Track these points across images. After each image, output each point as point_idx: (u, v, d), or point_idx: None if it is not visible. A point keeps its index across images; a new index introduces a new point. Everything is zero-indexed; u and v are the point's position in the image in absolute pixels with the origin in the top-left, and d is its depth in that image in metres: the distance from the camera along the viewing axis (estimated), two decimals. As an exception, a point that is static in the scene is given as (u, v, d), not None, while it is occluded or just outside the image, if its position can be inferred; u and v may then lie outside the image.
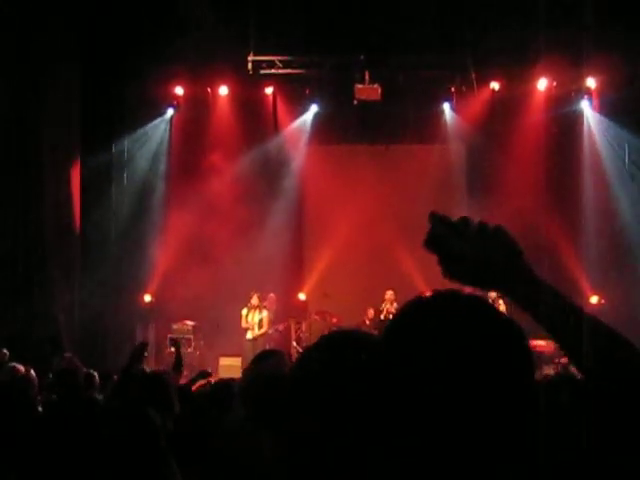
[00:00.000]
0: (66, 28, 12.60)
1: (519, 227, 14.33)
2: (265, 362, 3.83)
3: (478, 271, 1.25)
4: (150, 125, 14.91)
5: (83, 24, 12.84)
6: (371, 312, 13.68)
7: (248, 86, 14.48)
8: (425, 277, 13.89)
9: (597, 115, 14.30)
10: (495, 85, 14.35)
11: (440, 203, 14.60)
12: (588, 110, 14.38)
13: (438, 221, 1.29)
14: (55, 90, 12.54)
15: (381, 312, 13.54)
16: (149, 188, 14.82)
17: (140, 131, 14.76)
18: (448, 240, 1.26)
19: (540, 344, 12.57)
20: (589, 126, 14.41)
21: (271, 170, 14.97)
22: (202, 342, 14.19)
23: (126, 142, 14.62)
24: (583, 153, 14.38)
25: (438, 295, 1.09)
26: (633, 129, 13.48)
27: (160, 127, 15.06)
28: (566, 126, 14.40)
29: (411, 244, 14.25)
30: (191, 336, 14.03)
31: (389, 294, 13.48)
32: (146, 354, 5.87)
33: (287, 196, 15.14)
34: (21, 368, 6.39)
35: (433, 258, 1.28)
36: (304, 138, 15.28)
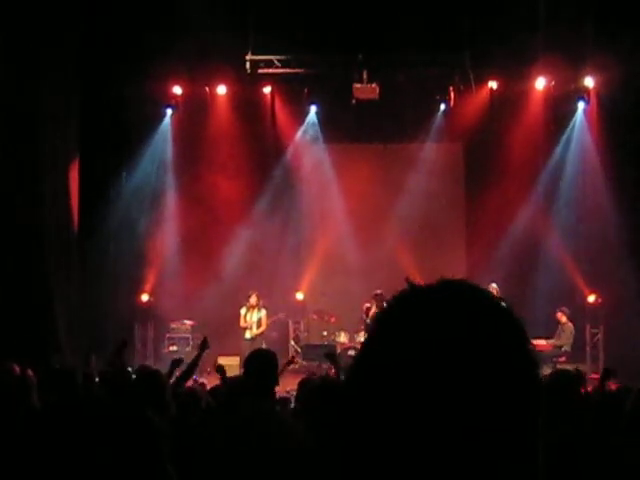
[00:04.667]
0: (65, 28, 12.57)
1: (516, 225, 14.25)
2: (255, 361, 3.86)
3: None
4: (150, 126, 14.87)
5: (81, 24, 12.84)
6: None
7: (246, 85, 14.47)
8: (423, 275, 13.88)
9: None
10: (493, 84, 14.34)
11: (438, 202, 14.62)
12: (580, 114, 14.37)
13: None
14: (54, 89, 12.52)
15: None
16: (148, 188, 14.79)
17: (139, 129, 14.72)
18: None
19: (539, 343, 12.64)
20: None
21: (269, 170, 14.96)
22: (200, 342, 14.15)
23: (125, 143, 14.57)
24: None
25: (431, 286, 1.00)
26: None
27: (159, 128, 15.00)
28: (564, 125, 14.41)
29: (409, 243, 14.26)
30: (189, 335, 14.03)
31: (378, 292, 12.67)
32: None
33: (285, 195, 15.13)
34: (18, 368, 6.37)
35: (431, 257, 1.28)
36: (302, 137, 15.27)
